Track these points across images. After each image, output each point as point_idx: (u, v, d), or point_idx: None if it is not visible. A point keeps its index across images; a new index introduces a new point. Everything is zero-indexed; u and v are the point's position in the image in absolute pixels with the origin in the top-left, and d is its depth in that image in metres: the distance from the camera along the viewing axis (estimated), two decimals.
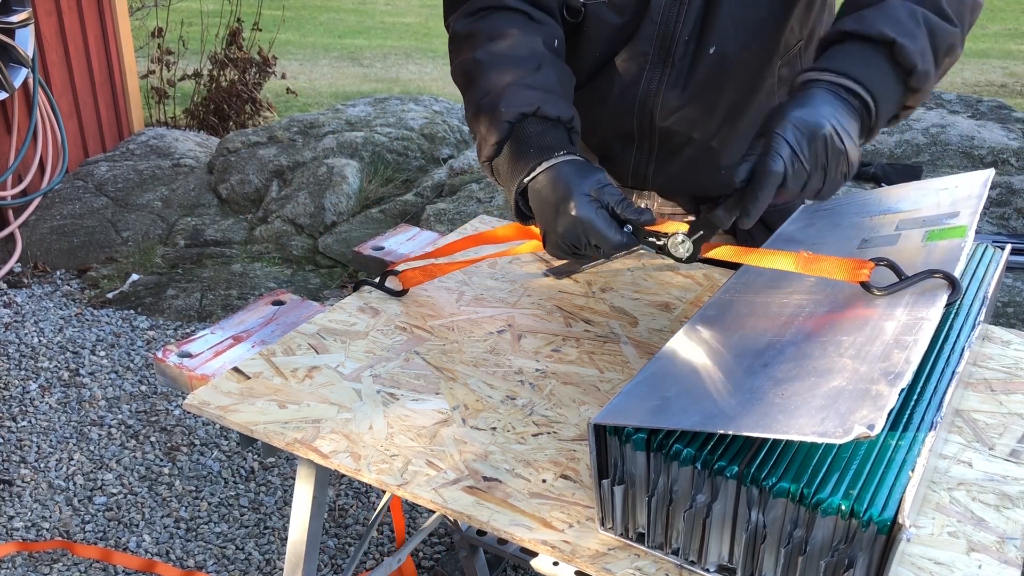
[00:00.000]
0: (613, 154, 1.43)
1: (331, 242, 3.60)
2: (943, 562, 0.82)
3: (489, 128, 1.14)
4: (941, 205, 1.12)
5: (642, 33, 1.29)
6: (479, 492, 0.92)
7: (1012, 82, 7.11)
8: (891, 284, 0.92)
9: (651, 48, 1.30)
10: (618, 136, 1.41)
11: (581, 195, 1.05)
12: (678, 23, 1.28)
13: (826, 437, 0.67)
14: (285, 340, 1.21)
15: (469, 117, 1.20)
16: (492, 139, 1.14)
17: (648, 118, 1.36)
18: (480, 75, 1.19)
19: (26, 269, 3.51)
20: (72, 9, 3.96)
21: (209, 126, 5.07)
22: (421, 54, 8.25)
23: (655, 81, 1.32)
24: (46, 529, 2.21)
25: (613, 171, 1.44)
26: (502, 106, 1.13)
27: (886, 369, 0.76)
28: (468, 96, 1.21)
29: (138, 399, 2.72)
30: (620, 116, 1.37)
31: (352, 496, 2.33)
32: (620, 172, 1.44)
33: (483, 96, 1.17)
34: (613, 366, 1.15)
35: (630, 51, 1.31)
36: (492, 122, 1.14)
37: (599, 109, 1.37)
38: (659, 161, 1.41)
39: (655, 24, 1.28)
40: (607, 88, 1.35)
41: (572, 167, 1.08)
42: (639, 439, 0.80)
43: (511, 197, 1.15)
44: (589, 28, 1.31)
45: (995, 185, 3.49)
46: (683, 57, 1.30)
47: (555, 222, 1.07)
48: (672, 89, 1.32)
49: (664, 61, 1.31)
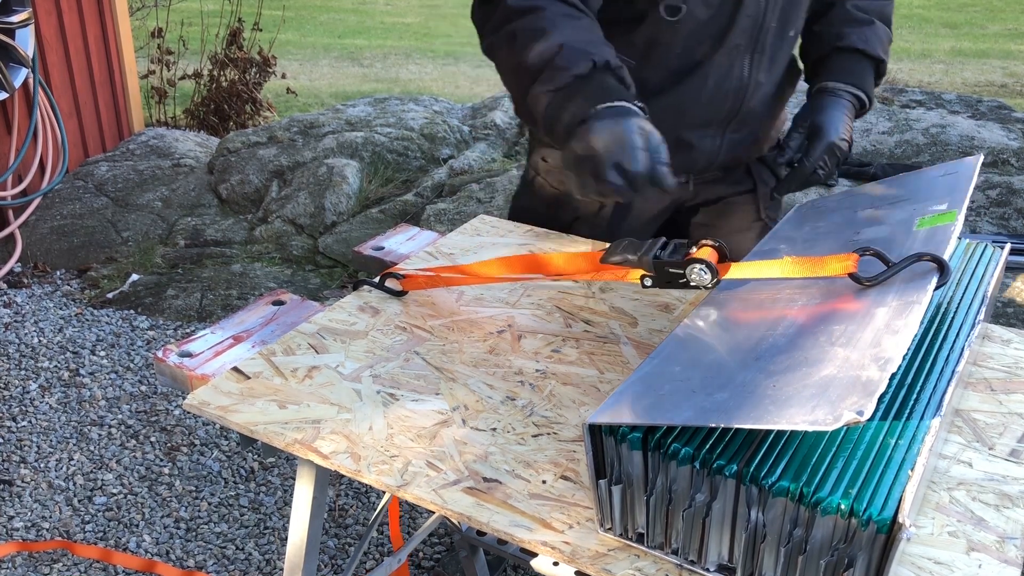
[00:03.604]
0: (690, 143, 1.48)
1: (331, 242, 3.60)
2: (943, 562, 0.82)
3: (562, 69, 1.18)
4: (931, 193, 1.12)
5: (737, 27, 1.36)
6: (479, 493, 0.92)
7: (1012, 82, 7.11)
8: (879, 272, 0.92)
9: (743, 39, 1.39)
10: (700, 125, 1.46)
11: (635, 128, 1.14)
12: (768, 12, 1.38)
13: (816, 425, 0.68)
14: (285, 340, 1.21)
15: (526, 56, 1.21)
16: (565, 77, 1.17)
17: (739, 105, 1.45)
18: (551, 30, 1.21)
19: (26, 269, 3.51)
20: (72, 9, 3.96)
21: (209, 126, 5.07)
22: (421, 54, 8.26)
23: (746, 68, 1.42)
24: (46, 529, 2.21)
25: (686, 159, 1.48)
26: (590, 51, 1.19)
27: (876, 355, 0.76)
28: (533, 45, 1.21)
29: (138, 399, 2.72)
30: (712, 108, 1.45)
31: (352, 496, 2.33)
32: (694, 159, 1.50)
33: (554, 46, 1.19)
34: (613, 366, 1.15)
35: (725, 45, 1.38)
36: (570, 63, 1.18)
37: (691, 104, 1.43)
38: (730, 142, 1.50)
39: (749, 17, 1.36)
40: (701, 84, 1.41)
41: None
42: (635, 438, 0.80)
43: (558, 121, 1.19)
44: (682, 26, 1.35)
45: (995, 185, 3.49)
46: (771, 43, 1.42)
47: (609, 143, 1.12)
48: (760, 73, 1.44)
49: (754, 49, 1.41)
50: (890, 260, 0.93)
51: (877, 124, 4.03)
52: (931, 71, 7.53)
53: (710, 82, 1.41)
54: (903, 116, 4.10)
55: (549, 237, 1.53)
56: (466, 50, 8.47)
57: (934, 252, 0.90)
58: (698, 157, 1.50)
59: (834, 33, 1.51)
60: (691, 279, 1.06)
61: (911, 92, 4.44)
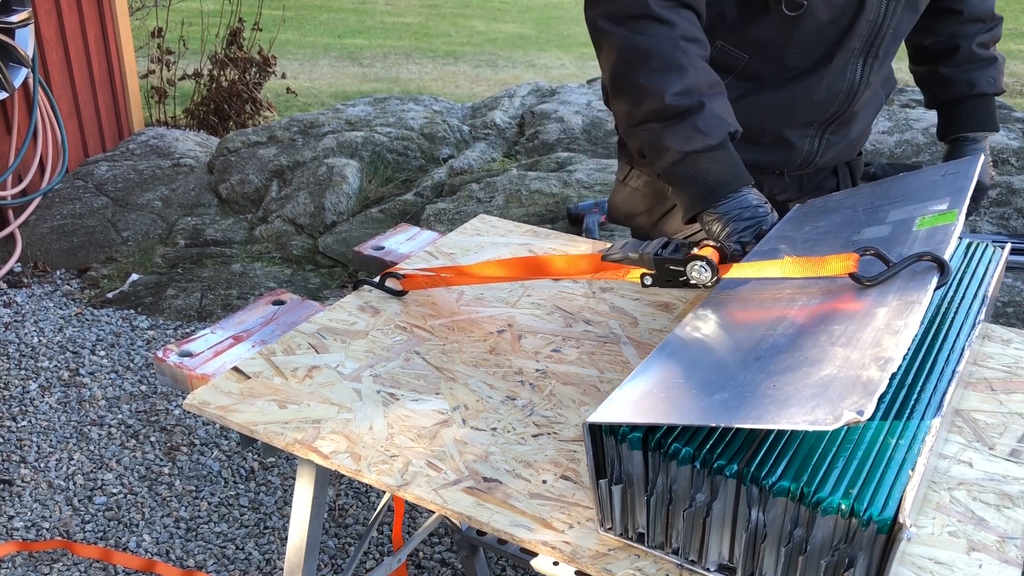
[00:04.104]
0: (791, 142, 1.48)
1: (331, 242, 3.60)
2: (943, 561, 0.82)
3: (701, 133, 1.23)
4: (931, 192, 1.12)
5: (856, 31, 1.36)
6: (479, 493, 0.92)
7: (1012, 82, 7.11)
8: (879, 272, 0.92)
9: (859, 43, 1.38)
10: (803, 124, 1.46)
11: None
12: (887, 17, 1.37)
13: (816, 425, 0.68)
14: (285, 340, 1.21)
15: (662, 91, 1.23)
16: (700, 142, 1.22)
17: (845, 108, 1.45)
18: (687, 65, 1.23)
19: (26, 269, 3.51)
20: (72, 9, 3.96)
21: (209, 126, 5.07)
22: (421, 54, 8.26)
23: (859, 72, 1.42)
24: (46, 529, 2.21)
25: (785, 156, 1.49)
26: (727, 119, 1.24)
27: (877, 355, 0.76)
28: (669, 74, 1.23)
29: (138, 399, 2.72)
30: (820, 108, 1.44)
31: (352, 496, 2.33)
32: (791, 157, 1.50)
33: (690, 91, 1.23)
34: (613, 366, 1.15)
35: (842, 47, 1.38)
36: (709, 130, 1.22)
37: (801, 103, 1.43)
38: (830, 142, 1.51)
39: (869, 21, 1.36)
40: (815, 85, 1.41)
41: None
42: (635, 438, 0.80)
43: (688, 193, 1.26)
44: (802, 25, 1.35)
45: (995, 185, 3.49)
46: (885, 48, 1.42)
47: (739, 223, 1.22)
48: (872, 76, 1.44)
49: (869, 53, 1.41)
50: (890, 260, 0.93)
51: (877, 124, 4.02)
52: None
53: (824, 83, 1.41)
54: (903, 116, 4.10)
55: (550, 237, 1.53)
56: (466, 50, 8.48)
57: (934, 252, 0.90)
58: (796, 156, 1.50)
59: (965, 80, 1.58)
60: (691, 277, 1.06)
61: (911, 92, 4.44)
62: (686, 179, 1.25)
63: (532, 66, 7.93)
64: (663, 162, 1.26)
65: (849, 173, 1.65)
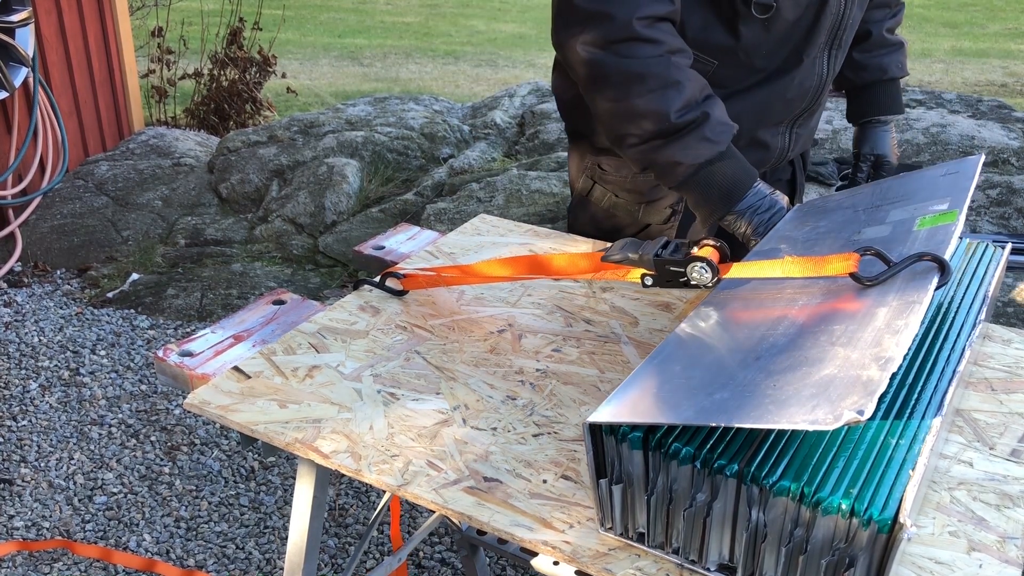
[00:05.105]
0: (765, 142, 1.49)
1: (331, 241, 3.60)
2: (944, 561, 0.82)
3: (709, 142, 1.25)
4: (931, 192, 1.12)
5: (822, 26, 1.37)
6: (480, 493, 0.92)
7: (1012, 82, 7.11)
8: (880, 272, 0.92)
9: (825, 37, 1.40)
10: (775, 123, 1.47)
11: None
12: (847, 9, 1.39)
13: (816, 425, 0.68)
14: (285, 339, 1.21)
15: (667, 110, 1.24)
16: (709, 151, 1.25)
17: (814, 101, 1.48)
18: (683, 80, 1.24)
19: (26, 268, 3.51)
20: (72, 8, 3.96)
21: (209, 125, 5.07)
22: (421, 53, 8.26)
23: (827, 65, 1.44)
24: (46, 528, 2.21)
25: (762, 157, 1.49)
26: (724, 125, 1.27)
27: (877, 355, 0.76)
28: (667, 92, 1.24)
29: (138, 398, 2.72)
30: (794, 105, 1.46)
31: (352, 496, 2.33)
32: (766, 156, 1.51)
33: (691, 105, 1.25)
34: (614, 366, 1.15)
35: (810, 44, 1.39)
36: (716, 137, 1.25)
37: (775, 103, 1.44)
38: (798, 135, 1.53)
39: (833, 15, 1.38)
40: (787, 84, 1.42)
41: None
42: (635, 438, 0.80)
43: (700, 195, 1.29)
44: (772, 27, 1.35)
45: (995, 185, 3.49)
46: (846, 38, 1.44)
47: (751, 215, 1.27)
48: (836, 66, 1.47)
49: (833, 45, 1.42)
50: (891, 260, 0.93)
51: None
52: (931, 70, 7.53)
53: (796, 81, 1.42)
54: (903, 116, 4.10)
55: (550, 236, 1.53)
56: (466, 49, 8.48)
57: (935, 252, 0.90)
58: (771, 155, 1.51)
59: (877, 66, 1.62)
60: (692, 278, 1.06)
61: (911, 92, 4.44)
62: (702, 188, 1.27)
63: (532, 66, 7.93)
64: (674, 176, 1.27)
65: (802, 161, 1.68)
